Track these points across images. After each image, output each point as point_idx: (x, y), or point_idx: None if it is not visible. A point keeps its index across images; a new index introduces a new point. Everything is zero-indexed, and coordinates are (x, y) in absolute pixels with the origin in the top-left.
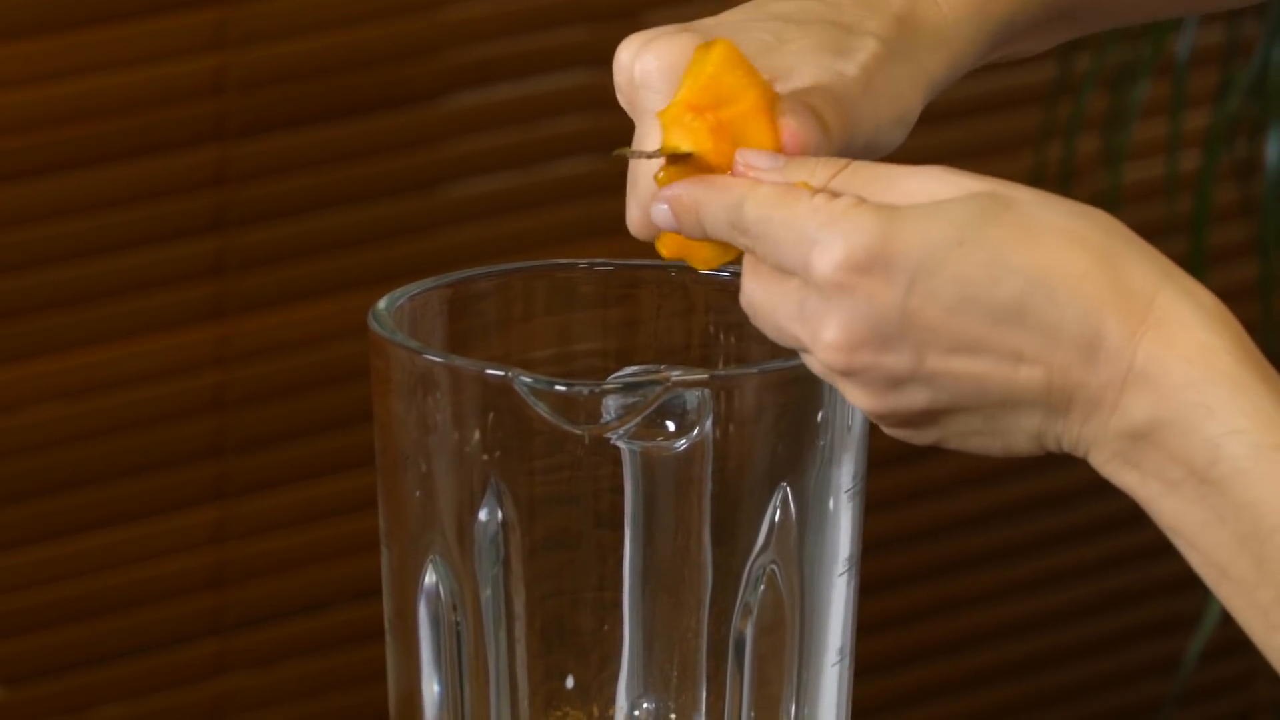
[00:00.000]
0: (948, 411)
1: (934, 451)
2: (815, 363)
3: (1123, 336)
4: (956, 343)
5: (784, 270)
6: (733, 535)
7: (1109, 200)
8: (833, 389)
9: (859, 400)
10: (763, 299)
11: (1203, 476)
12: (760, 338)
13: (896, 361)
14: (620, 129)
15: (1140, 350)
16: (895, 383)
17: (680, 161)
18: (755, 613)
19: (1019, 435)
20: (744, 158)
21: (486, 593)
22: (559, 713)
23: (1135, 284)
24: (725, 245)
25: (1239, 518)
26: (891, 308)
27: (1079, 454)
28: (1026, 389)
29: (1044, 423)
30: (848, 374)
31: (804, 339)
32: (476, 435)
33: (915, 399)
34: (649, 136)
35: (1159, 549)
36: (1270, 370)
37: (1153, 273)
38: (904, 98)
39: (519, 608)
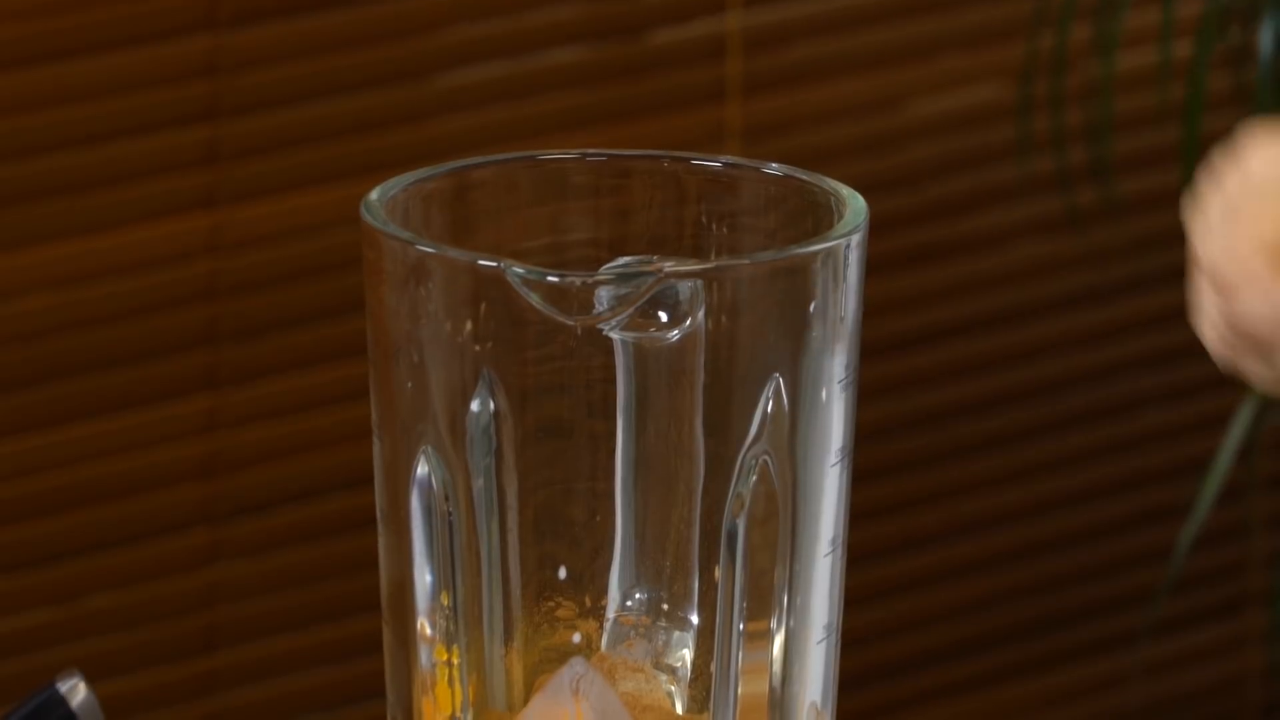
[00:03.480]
0: None
1: (924, 340)
2: None
3: None
4: None
5: None
6: (725, 426)
7: (1102, 89)
8: (825, 278)
9: None
10: None
11: None
12: (753, 228)
13: None
14: (614, 17)
15: None
16: None
17: None
18: (748, 503)
19: None
20: None
21: (479, 483)
22: (551, 603)
23: None
24: None
25: None
26: None
27: None
28: None
29: None
30: None
31: None
32: (469, 326)
33: None
34: None
35: (1152, 437)
36: None
37: None
38: None
39: (511, 498)
